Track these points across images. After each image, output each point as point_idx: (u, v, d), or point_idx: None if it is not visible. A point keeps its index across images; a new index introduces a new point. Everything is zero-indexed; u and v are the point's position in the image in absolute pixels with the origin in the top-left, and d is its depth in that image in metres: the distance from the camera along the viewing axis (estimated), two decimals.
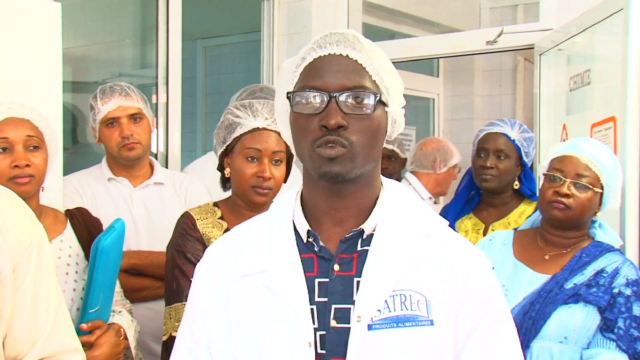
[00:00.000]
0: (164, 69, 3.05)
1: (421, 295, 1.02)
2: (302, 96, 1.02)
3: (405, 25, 4.27)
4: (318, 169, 1.01)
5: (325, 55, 1.03)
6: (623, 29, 2.12)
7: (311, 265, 1.04)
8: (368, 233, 1.05)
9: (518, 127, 2.39)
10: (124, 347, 1.79)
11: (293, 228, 1.07)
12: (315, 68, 1.03)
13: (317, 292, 1.02)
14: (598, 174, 1.77)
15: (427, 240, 1.06)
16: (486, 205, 2.45)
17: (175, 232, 1.75)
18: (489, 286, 1.08)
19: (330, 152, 0.99)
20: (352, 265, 1.03)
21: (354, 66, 1.03)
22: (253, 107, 1.76)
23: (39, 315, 1.29)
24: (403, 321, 1.00)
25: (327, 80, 1.01)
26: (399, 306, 1.01)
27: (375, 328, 0.99)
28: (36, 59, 2.05)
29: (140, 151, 2.24)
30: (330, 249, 1.05)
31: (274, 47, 3.46)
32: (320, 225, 1.06)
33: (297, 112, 1.03)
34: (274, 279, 1.03)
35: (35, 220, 1.36)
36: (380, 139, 1.06)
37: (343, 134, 1.00)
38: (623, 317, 1.65)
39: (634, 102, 2.08)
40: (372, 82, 1.03)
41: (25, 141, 1.70)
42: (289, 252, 1.05)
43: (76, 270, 1.82)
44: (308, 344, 0.99)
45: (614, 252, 1.79)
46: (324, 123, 1.00)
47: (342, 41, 1.04)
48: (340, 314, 1.01)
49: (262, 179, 1.72)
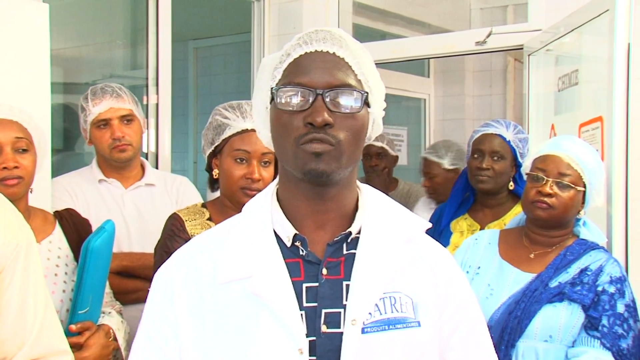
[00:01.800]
0: (154, 70, 3.05)
1: (408, 297, 1.02)
2: (287, 92, 0.99)
3: (395, 26, 4.28)
4: (302, 166, 0.98)
5: (311, 52, 1.00)
6: (609, 29, 2.13)
7: (297, 270, 1.01)
8: (354, 236, 1.04)
9: (513, 128, 2.39)
10: (113, 348, 1.79)
11: (274, 232, 1.04)
12: (300, 64, 1.00)
13: (306, 297, 1.00)
14: (580, 172, 1.77)
15: (409, 244, 1.06)
16: (481, 206, 2.46)
17: (164, 234, 1.75)
18: (466, 290, 1.11)
19: (316, 147, 0.96)
20: (340, 269, 1.01)
21: (340, 64, 1.00)
22: (242, 108, 1.76)
23: (26, 317, 1.29)
24: (394, 323, 1.00)
25: (313, 77, 0.98)
26: (389, 308, 1.00)
27: (367, 331, 0.98)
28: (24, 59, 2.05)
29: (132, 153, 2.24)
30: (316, 253, 1.02)
31: (265, 48, 3.47)
32: (302, 228, 1.03)
33: (280, 109, 1.00)
34: (261, 285, 0.99)
35: (23, 222, 1.36)
36: (362, 140, 1.03)
37: (330, 132, 0.97)
38: (607, 314, 1.67)
39: (621, 102, 2.10)
40: (357, 81, 1.01)
41: (13, 143, 1.70)
42: (274, 257, 1.01)
43: (65, 271, 1.81)
44: (299, 350, 0.96)
45: (598, 249, 1.80)
46: (310, 120, 0.96)
47: (328, 38, 1.01)
48: (331, 318, 0.99)
49: (251, 181, 1.71)
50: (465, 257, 1.88)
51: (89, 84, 2.80)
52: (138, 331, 1.08)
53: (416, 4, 4.30)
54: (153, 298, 1.07)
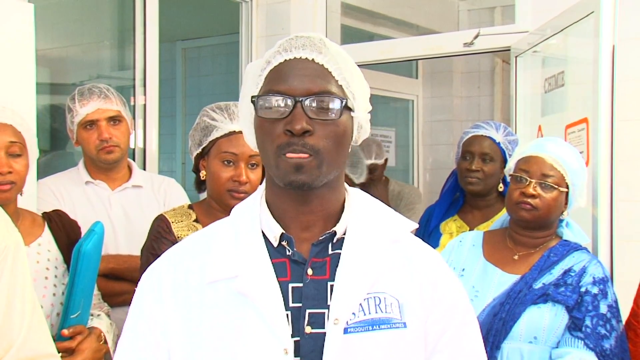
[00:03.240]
0: (142, 71, 3.04)
1: (394, 298, 1.02)
2: (267, 100, 1.00)
3: (383, 27, 4.29)
4: (283, 177, 0.99)
5: (290, 59, 1.01)
6: (594, 31, 2.15)
7: (284, 270, 1.02)
8: (339, 236, 1.05)
9: (503, 130, 2.40)
10: (105, 351, 1.78)
11: (262, 232, 1.05)
12: (280, 72, 1.01)
13: (292, 298, 1.00)
14: (563, 173, 1.78)
15: (395, 245, 1.06)
16: (470, 208, 2.47)
17: (150, 235, 1.74)
18: (455, 291, 1.09)
19: (296, 160, 0.97)
20: (326, 269, 1.02)
21: (319, 70, 1.01)
22: (230, 110, 1.75)
23: (13, 320, 1.28)
24: (378, 324, 1.00)
25: (292, 85, 0.99)
26: (373, 309, 1.00)
27: (350, 331, 0.99)
28: (9, 60, 2.03)
29: (119, 154, 2.22)
30: (302, 253, 1.03)
31: (253, 48, 3.47)
32: (288, 230, 1.04)
33: (261, 117, 1.01)
34: (247, 284, 1.00)
35: (11, 225, 1.35)
36: (346, 145, 1.04)
37: (308, 140, 0.98)
38: (590, 315, 1.68)
39: (606, 103, 2.11)
40: (338, 86, 1.02)
41: (7, 147, 1.69)
42: (260, 257, 1.02)
43: (55, 274, 1.80)
44: (284, 350, 0.97)
45: (581, 250, 1.81)
46: (289, 128, 0.97)
47: (307, 45, 1.02)
48: (314, 319, 1.00)
49: (238, 183, 1.71)
50: (450, 258, 1.89)
51: (76, 85, 2.79)
52: (123, 332, 1.08)
53: (404, 5, 4.32)
54: (140, 298, 1.07)
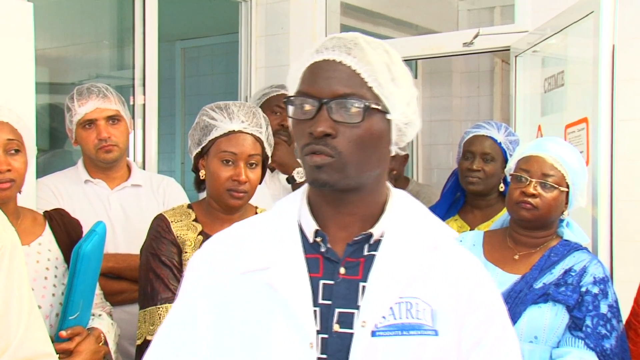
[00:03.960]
0: (141, 70, 3.03)
1: (427, 304, 1.01)
2: (296, 102, 1.02)
3: (383, 27, 4.28)
4: (309, 176, 1.01)
5: (320, 61, 1.01)
6: (594, 31, 2.15)
7: (316, 266, 1.03)
8: (376, 238, 1.04)
9: (504, 130, 2.40)
10: (104, 353, 1.76)
11: (299, 228, 1.06)
12: (310, 73, 1.02)
13: (322, 294, 1.01)
14: (564, 173, 1.78)
15: (434, 251, 1.05)
16: (471, 207, 2.46)
17: (149, 235, 1.74)
18: (493, 300, 1.08)
19: (316, 160, 0.98)
20: (359, 270, 1.02)
21: (347, 73, 1.00)
22: (229, 109, 1.74)
23: (10, 320, 1.27)
24: (408, 329, 0.99)
25: (318, 87, 1.00)
26: (404, 313, 0.99)
27: (379, 335, 0.98)
28: (8, 59, 2.02)
29: (118, 153, 2.22)
30: (337, 252, 1.03)
31: (252, 48, 3.46)
32: (326, 228, 1.05)
33: (291, 117, 1.04)
34: (278, 277, 1.01)
35: (7, 224, 1.35)
36: (380, 148, 1.03)
37: (330, 142, 0.98)
38: (591, 315, 1.68)
39: (606, 103, 2.11)
40: (367, 88, 1.00)
41: (5, 145, 1.68)
42: (294, 251, 1.03)
43: (55, 274, 1.79)
44: (309, 344, 0.97)
45: (582, 250, 1.81)
46: (311, 130, 0.99)
47: (337, 46, 1.01)
48: (344, 318, 0.99)
49: (238, 183, 1.71)
50: None
51: (75, 84, 2.78)
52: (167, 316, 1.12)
53: (404, 5, 4.31)
54: (181, 288, 1.11)
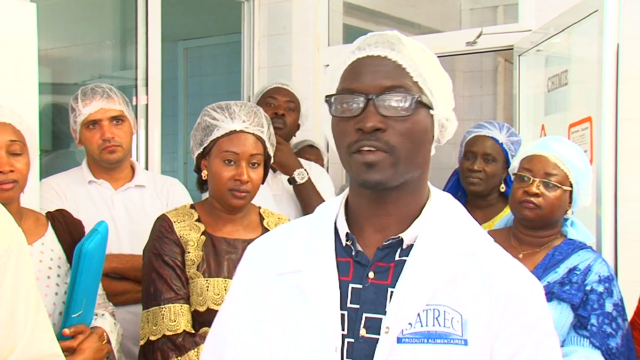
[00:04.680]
0: (144, 71, 3.04)
1: (457, 312, 0.97)
2: (340, 99, 0.99)
3: (386, 27, 4.27)
4: (356, 176, 0.98)
5: (363, 57, 1.00)
6: (598, 30, 2.15)
7: (347, 270, 1.01)
8: (408, 243, 1.01)
9: (506, 131, 2.39)
10: (107, 351, 1.77)
11: (334, 231, 1.05)
12: (353, 70, 1.00)
13: (350, 298, 0.99)
14: (567, 172, 1.78)
15: (469, 257, 1.01)
16: (472, 207, 2.45)
17: (152, 235, 1.74)
18: (533, 309, 0.99)
19: (369, 158, 0.96)
20: (388, 275, 1.00)
21: (392, 67, 0.98)
22: (230, 109, 1.74)
23: (17, 320, 1.27)
24: (434, 337, 0.96)
25: (364, 82, 0.98)
26: (431, 321, 0.96)
27: (404, 342, 0.96)
28: (11, 60, 2.03)
29: (122, 154, 2.22)
30: (368, 255, 1.02)
31: (255, 48, 3.46)
32: (362, 231, 1.03)
33: (335, 116, 1.00)
34: (307, 280, 1.01)
35: (14, 224, 1.35)
36: (426, 144, 1.01)
37: (382, 137, 0.96)
38: (596, 313, 1.67)
39: (609, 102, 2.11)
40: (413, 83, 0.99)
41: (8, 146, 1.69)
42: (325, 254, 1.03)
43: (58, 274, 1.80)
44: (334, 349, 0.96)
45: (586, 249, 1.80)
46: (360, 126, 0.96)
47: (380, 42, 1.00)
48: (371, 323, 0.98)
49: (240, 182, 1.71)
50: None
51: (78, 85, 2.79)
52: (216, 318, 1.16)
53: (406, 5, 4.31)
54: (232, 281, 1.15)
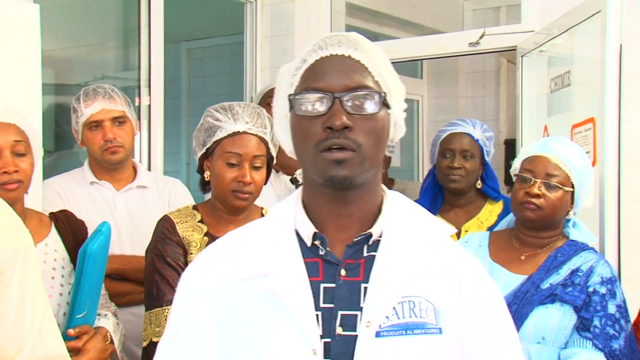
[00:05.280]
0: (146, 72, 3.03)
1: (430, 303, 1.00)
2: (305, 98, 0.99)
3: (388, 27, 4.28)
4: (323, 173, 0.98)
5: (326, 56, 1.01)
6: (601, 30, 2.14)
7: (316, 270, 1.01)
8: (375, 239, 1.03)
9: (480, 127, 2.40)
10: (110, 351, 1.78)
11: (295, 232, 1.04)
12: (317, 69, 1.01)
13: (323, 298, 0.99)
14: (568, 173, 1.77)
15: (433, 249, 1.04)
16: (451, 207, 2.43)
17: (155, 236, 1.74)
18: (494, 300, 1.07)
19: (339, 155, 0.96)
20: (359, 271, 1.01)
21: (356, 66, 1.00)
22: (233, 110, 1.74)
23: (24, 321, 1.27)
24: (412, 328, 0.98)
25: (329, 81, 0.99)
26: (407, 313, 0.98)
27: (383, 335, 0.97)
28: (15, 60, 2.04)
29: (124, 155, 2.22)
30: (336, 254, 1.02)
31: (257, 49, 3.46)
32: (324, 231, 1.03)
33: (299, 115, 1.00)
34: (278, 283, 0.99)
35: (22, 225, 1.35)
36: (385, 142, 1.03)
37: (349, 135, 0.97)
38: (599, 315, 1.67)
39: (613, 103, 2.10)
40: (375, 82, 1.01)
41: (12, 146, 1.70)
42: (292, 255, 1.02)
43: (62, 274, 1.80)
44: (312, 351, 0.95)
45: (589, 250, 1.80)
46: (328, 124, 0.96)
47: (343, 42, 1.01)
48: (347, 320, 0.98)
49: (243, 184, 1.71)
50: None
51: (80, 85, 2.79)
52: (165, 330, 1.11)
53: (409, 5, 4.31)
54: (175, 299, 1.09)
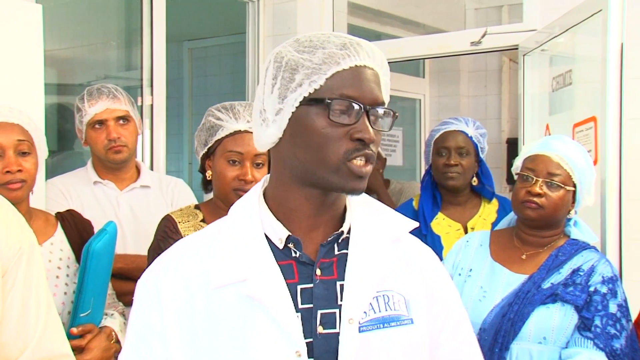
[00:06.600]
0: (149, 71, 3.04)
1: (401, 295, 1.04)
2: (341, 104, 0.98)
3: (390, 27, 4.29)
4: (345, 184, 0.99)
5: (362, 66, 1.01)
6: (602, 29, 2.14)
7: (291, 272, 1.01)
8: (344, 236, 1.05)
9: (473, 124, 2.40)
10: (115, 350, 1.78)
11: (264, 234, 1.03)
12: (354, 77, 1.00)
13: (301, 299, 1.00)
14: (570, 172, 1.77)
15: (396, 244, 1.08)
16: (450, 205, 2.43)
17: (157, 236, 1.74)
18: (450, 288, 1.15)
19: (366, 169, 0.99)
20: (333, 269, 1.03)
21: (378, 81, 1.02)
22: (235, 109, 1.75)
23: (28, 320, 1.28)
24: (388, 321, 1.01)
25: (363, 93, 0.99)
26: (383, 307, 1.02)
27: (364, 330, 0.99)
28: (18, 60, 2.04)
29: (127, 154, 2.23)
30: (309, 255, 1.03)
31: (260, 48, 3.47)
32: (294, 231, 1.03)
33: (332, 120, 0.98)
34: (256, 288, 0.98)
35: (25, 225, 1.36)
36: None
37: (373, 149, 1.00)
38: (600, 315, 1.66)
39: (614, 102, 2.11)
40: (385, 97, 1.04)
41: (16, 146, 1.70)
42: (267, 260, 1.01)
43: (67, 273, 1.81)
44: (296, 353, 0.96)
45: (590, 249, 1.79)
46: (360, 136, 0.97)
47: (369, 53, 1.02)
48: (327, 319, 1.00)
49: (244, 182, 1.71)
50: (457, 259, 1.88)
51: (83, 85, 2.80)
52: (125, 341, 1.05)
53: (411, 4, 4.31)
54: (138, 306, 1.03)
